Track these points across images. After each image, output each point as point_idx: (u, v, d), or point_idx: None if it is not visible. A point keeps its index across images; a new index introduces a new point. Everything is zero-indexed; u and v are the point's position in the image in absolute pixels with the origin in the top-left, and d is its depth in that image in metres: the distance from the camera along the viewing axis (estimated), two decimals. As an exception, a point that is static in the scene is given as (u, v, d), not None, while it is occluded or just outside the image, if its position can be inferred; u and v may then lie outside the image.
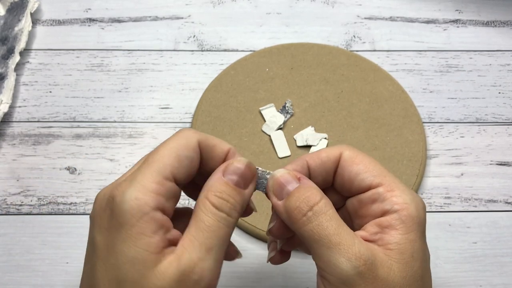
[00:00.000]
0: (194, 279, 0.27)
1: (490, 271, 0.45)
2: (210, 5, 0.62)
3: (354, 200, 0.32)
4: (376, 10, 0.62)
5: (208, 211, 0.29)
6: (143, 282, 0.27)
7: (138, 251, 0.27)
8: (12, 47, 0.56)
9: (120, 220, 0.27)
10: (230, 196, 0.29)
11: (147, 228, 0.27)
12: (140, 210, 0.27)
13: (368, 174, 0.31)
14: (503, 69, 0.57)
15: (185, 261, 0.27)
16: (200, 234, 0.28)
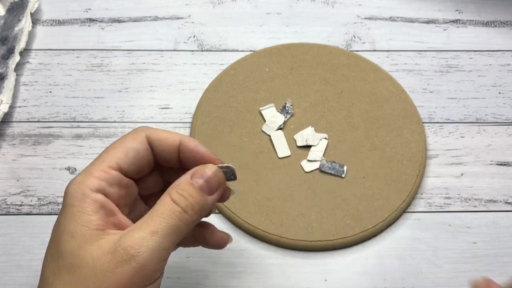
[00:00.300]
0: (130, 253, 0.28)
1: (490, 271, 0.45)
2: (210, 5, 0.62)
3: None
4: (376, 10, 0.62)
5: (164, 203, 0.31)
6: (80, 252, 0.29)
7: (77, 226, 0.29)
8: (12, 47, 0.56)
9: (65, 202, 0.30)
10: (190, 196, 0.31)
11: (87, 207, 0.30)
12: (81, 192, 0.30)
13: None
14: (503, 69, 0.57)
15: (126, 238, 0.29)
16: (149, 219, 0.30)
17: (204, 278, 0.45)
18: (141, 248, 0.28)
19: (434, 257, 0.46)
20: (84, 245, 0.29)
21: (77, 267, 0.29)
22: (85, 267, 0.29)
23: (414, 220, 0.48)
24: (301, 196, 0.48)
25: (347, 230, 0.46)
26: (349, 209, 0.47)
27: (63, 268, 0.29)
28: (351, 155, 0.50)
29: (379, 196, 0.48)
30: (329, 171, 0.49)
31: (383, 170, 0.49)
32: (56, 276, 0.29)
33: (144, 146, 0.33)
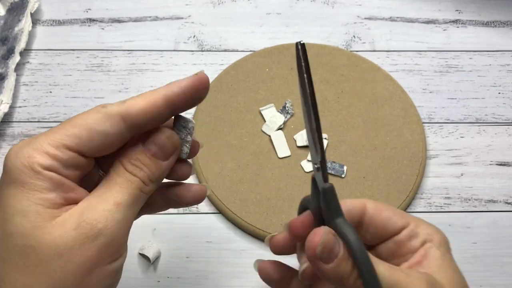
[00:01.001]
0: (97, 227, 0.26)
1: (490, 271, 0.45)
2: (210, 5, 0.62)
3: (390, 244, 0.33)
4: (376, 10, 0.62)
5: (119, 173, 0.28)
6: (36, 233, 0.26)
7: (30, 204, 0.26)
8: (12, 47, 0.56)
9: (11, 176, 0.26)
10: (145, 165, 0.29)
11: (41, 185, 0.26)
12: (31, 168, 0.26)
13: (397, 216, 0.33)
14: (503, 69, 0.57)
15: (89, 212, 0.26)
16: (108, 190, 0.28)
17: (204, 278, 0.45)
18: (107, 222, 0.26)
19: (434, 257, 0.46)
20: (40, 224, 0.26)
21: (33, 248, 0.25)
22: (43, 248, 0.25)
23: (414, 220, 0.48)
24: (301, 196, 0.48)
25: (347, 230, 0.46)
26: (349, 209, 0.47)
27: (13, 252, 0.26)
28: (351, 155, 0.50)
29: (379, 196, 0.48)
30: (329, 171, 0.49)
31: (383, 170, 0.49)
32: (5, 261, 0.26)
33: (114, 129, 0.28)
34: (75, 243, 0.26)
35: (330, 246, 0.27)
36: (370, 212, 0.33)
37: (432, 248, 0.31)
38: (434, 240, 0.32)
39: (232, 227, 0.47)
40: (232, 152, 0.50)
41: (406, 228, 0.33)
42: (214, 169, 0.49)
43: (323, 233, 0.27)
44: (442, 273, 0.30)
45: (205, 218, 0.48)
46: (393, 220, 0.33)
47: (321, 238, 0.27)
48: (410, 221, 0.33)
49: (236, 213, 0.47)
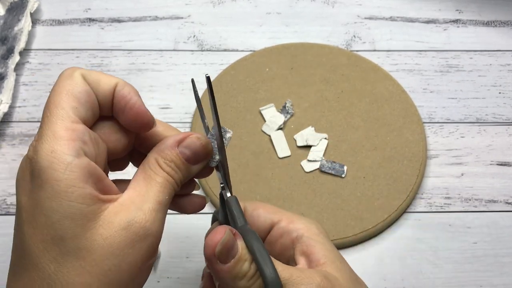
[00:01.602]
0: (146, 228, 0.27)
1: (490, 271, 0.45)
2: (210, 5, 0.62)
3: (266, 245, 0.33)
4: (376, 10, 0.62)
5: (158, 172, 0.29)
6: (87, 235, 0.26)
7: (72, 205, 0.25)
8: (12, 47, 0.56)
9: (43, 178, 0.25)
10: (179, 169, 0.30)
11: (76, 179, 0.25)
12: (61, 162, 0.25)
13: (269, 214, 0.33)
14: (503, 69, 0.57)
15: (137, 212, 0.27)
16: (151, 189, 0.28)
17: (204, 278, 0.45)
18: (155, 221, 0.27)
19: (434, 257, 0.46)
20: (88, 224, 0.26)
21: (87, 250, 0.26)
22: (97, 249, 0.26)
23: (414, 220, 0.48)
24: (301, 196, 0.48)
25: (347, 230, 0.46)
26: (349, 209, 0.47)
27: (68, 254, 0.25)
28: (351, 155, 0.50)
29: (379, 196, 0.48)
30: (329, 171, 0.49)
31: (383, 170, 0.49)
32: (60, 263, 0.25)
33: (88, 86, 0.28)
34: (127, 243, 0.26)
35: (229, 245, 0.28)
36: (248, 212, 0.34)
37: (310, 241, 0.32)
38: (309, 232, 0.32)
39: (232, 227, 0.47)
40: (232, 152, 0.50)
41: (276, 225, 0.33)
42: (214, 169, 0.49)
43: (224, 232, 0.28)
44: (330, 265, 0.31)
45: (205, 218, 0.48)
46: (262, 218, 0.33)
47: (222, 237, 0.28)
48: (282, 218, 0.33)
49: (236, 213, 0.47)
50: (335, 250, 0.32)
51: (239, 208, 0.31)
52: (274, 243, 0.33)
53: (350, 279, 0.31)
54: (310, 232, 0.32)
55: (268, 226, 0.33)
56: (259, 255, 0.28)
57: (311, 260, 0.31)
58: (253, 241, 0.29)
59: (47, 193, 0.25)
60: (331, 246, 0.32)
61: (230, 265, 0.28)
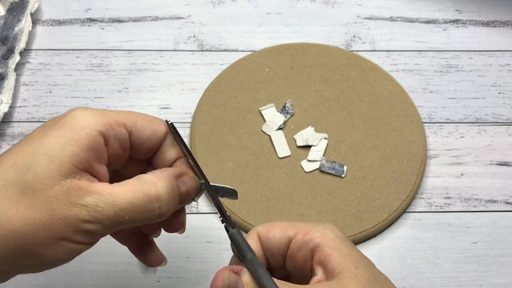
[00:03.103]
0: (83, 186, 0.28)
1: (490, 271, 0.45)
2: (210, 5, 0.62)
3: (288, 262, 0.33)
4: (376, 10, 0.62)
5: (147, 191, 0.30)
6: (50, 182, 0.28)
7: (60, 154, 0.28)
8: (12, 47, 0.56)
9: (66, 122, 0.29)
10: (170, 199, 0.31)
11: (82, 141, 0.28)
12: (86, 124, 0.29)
13: (281, 231, 0.33)
14: (503, 69, 0.57)
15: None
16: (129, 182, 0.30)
17: (204, 278, 0.45)
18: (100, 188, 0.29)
19: (434, 257, 0.46)
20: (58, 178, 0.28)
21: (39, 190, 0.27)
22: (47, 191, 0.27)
23: (414, 220, 0.48)
24: (301, 196, 0.48)
25: (347, 230, 0.46)
26: (349, 209, 0.47)
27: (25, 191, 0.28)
28: (351, 155, 0.50)
29: (379, 196, 0.48)
30: (329, 171, 0.49)
31: (383, 170, 0.49)
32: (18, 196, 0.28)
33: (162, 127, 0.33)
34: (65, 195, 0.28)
35: (232, 286, 0.29)
36: (262, 237, 0.33)
37: (326, 250, 0.31)
38: (324, 240, 0.32)
39: (232, 227, 0.47)
40: (232, 152, 0.50)
41: (293, 239, 0.33)
42: (214, 169, 0.49)
43: (224, 276, 0.29)
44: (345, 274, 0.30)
45: (205, 218, 0.48)
46: (277, 237, 0.33)
47: (222, 282, 0.29)
48: (297, 231, 0.33)
49: (236, 213, 0.47)
50: (352, 254, 0.32)
51: (243, 241, 0.32)
52: (294, 257, 0.33)
53: (368, 283, 0.30)
54: (326, 239, 0.32)
55: (286, 242, 0.33)
56: (266, 284, 0.29)
57: (327, 270, 0.31)
58: (260, 273, 0.29)
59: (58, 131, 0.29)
60: (348, 249, 0.32)
61: None
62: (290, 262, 0.33)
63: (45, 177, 0.27)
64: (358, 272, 0.31)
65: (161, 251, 0.37)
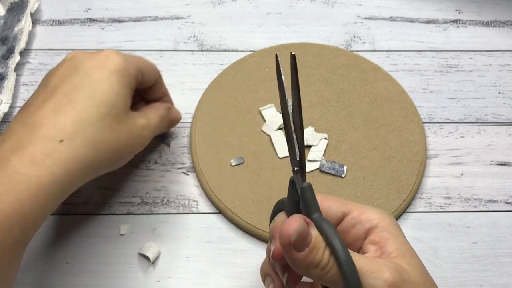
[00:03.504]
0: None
1: (490, 271, 0.45)
2: (210, 5, 0.62)
3: None
4: (376, 10, 0.62)
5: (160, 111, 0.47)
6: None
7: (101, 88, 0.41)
8: (12, 47, 0.56)
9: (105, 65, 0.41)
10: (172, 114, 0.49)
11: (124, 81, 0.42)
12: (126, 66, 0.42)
13: (338, 204, 0.34)
14: (503, 69, 0.57)
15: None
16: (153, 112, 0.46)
17: (204, 278, 0.45)
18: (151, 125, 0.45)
19: (434, 257, 0.46)
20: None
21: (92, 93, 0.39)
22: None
23: (414, 220, 0.48)
24: (301, 196, 0.48)
25: (347, 230, 0.46)
26: (349, 209, 0.47)
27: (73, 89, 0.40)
28: (351, 155, 0.50)
29: (379, 196, 0.48)
30: (329, 171, 0.49)
31: (383, 170, 0.49)
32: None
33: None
34: None
35: (304, 234, 0.29)
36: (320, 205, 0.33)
37: (383, 233, 0.32)
38: (382, 223, 0.32)
39: (232, 227, 0.47)
40: (232, 152, 0.50)
41: (348, 215, 0.33)
42: (214, 169, 0.49)
43: (299, 222, 0.29)
44: (401, 259, 0.31)
45: (205, 218, 0.48)
46: (333, 209, 0.33)
47: (297, 226, 0.29)
48: (353, 209, 0.33)
49: (236, 213, 0.47)
50: (408, 244, 0.32)
51: (314, 198, 0.31)
52: (346, 233, 0.33)
53: (422, 274, 0.31)
54: (384, 222, 0.32)
55: (340, 216, 0.33)
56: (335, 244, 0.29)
57: (383, 251, 0.31)
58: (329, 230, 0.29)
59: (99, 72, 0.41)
60: (404, 239, 0.32)
61: (304, 253, 0.29)
62: None
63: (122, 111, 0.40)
64: (413, 261, 0.31)
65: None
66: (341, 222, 0.34)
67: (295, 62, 0.31)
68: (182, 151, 0.51)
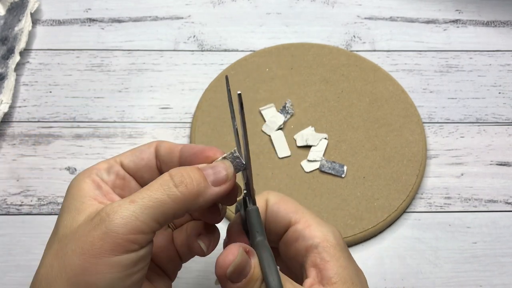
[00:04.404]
0: (102, 217, 0.27)
1: (490, 271, 0.45)
2: (210, 5, 0.62)
3: (281, 244, 0.32)
4: (376, 10, 0.62)
5: (159, 177, 0.29)
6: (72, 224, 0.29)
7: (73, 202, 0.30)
8: (12, 47, 0.56)
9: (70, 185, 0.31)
10: (190, 176, 0.29)
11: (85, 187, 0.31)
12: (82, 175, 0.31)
13: (288, 211, 0.32)
14: (503, 69, 0.57)
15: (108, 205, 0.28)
16: (138, 191, 0.29)
17: (204, 278, 0.45)
18: (114, 214, 0.27)
19: (434, 257, 0.46)
20: (77, 217, 0.29)
21: (65, 236, 0.28)
22: (70, 235, 0.28)
23: (414, 220, 0.48)
24: (301, 196, 0.48)
25: (347, 230, 0.46)
26: (349, 209, 0.47)
27: (55, 241, 0.29)
28: (351, 155, 0.50)
29: (379, 196, 0.48)
30: (329, 171, 0.49)
31: (383, 170, 0.49)
32: (48, 248, 0.29)
33: (149, 150, 0.33)
34: (85, 230, 0.28)
35: (242, 266, 0.28)
36: (269, 207, 0.33)
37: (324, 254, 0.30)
38: (324, 244, 0.31)
39: (232, 227, 0.47)
40: (232, 152, 0.50)
41: (294, 226, 0.32)
42: (214, 169, 0.49)
43: (237, 253, 0.28)
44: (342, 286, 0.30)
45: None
46: (282, 214, 0.32)
47: (233, 259, 0.28)
48: (300, 220, 0.32)
49: (236, 213, 0.47)
50: (350, 266, 0.31)
51: (259, 221, 0.30)
52: (289, 245, 0.32)
53: None
54: (327, 242, 0.31)
55: (286, 224, 0.32)
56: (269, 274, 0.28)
57: (322, 276, 0.30)
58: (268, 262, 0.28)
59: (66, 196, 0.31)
60: (346, 261, 0.31)
61: (241, 284, 0.28)
62: (283, 246, 0.32)
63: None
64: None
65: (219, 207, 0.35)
66: (287, 232, 0.32)
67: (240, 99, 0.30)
68: (182, 151, 0.51)
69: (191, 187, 0.29)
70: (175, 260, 0.35)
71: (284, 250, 0.33)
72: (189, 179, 0.29)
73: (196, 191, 0.29)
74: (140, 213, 0.28)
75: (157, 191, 0.28)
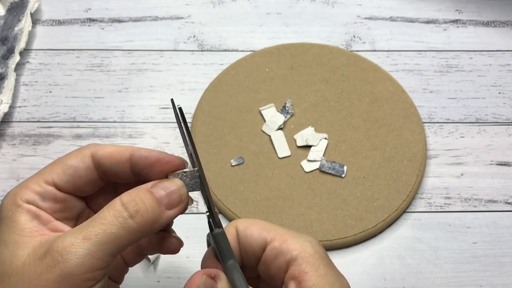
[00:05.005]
0: (56, 259, 0.26)
1: (490, 271, 0.45)
2: (210, 5, 0.62)
3: (261, 266, 0.32)
4: (376, 10, 0.62)
5: (111, 207, 0.28)
6: (12, 260, 0.27)
7: (10, 235, 0.28)
8: (12, 47, 0.56)
9: (2, 215, 0.29)
10: (144, 202, 0.28)
11: (20, 217, 0.29)
12: (14, 203, 0.29)
13: (260, 231, 0.32)
14: (503, 69, 0.57)
15: (57, 242, 0.27)
16: (88, 223, 0.27)
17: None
18: (68, 255, 0.26)
19: (434, 257, 0.46)
20: (17, 252, 0.27)
21: (8, 275, 0.27)
22: (14, 275, 0.27)
23: (414, 220, 0.48)
24: (301, 196, 0.48)
25: (347, 230, 0.46)
26: (349, 209, 0.47)
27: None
28: (351, 155, 0.50)
29: (379, 196, 0.48)
30: (329, 171, 0.49)
31: (383, 170, 0.49)
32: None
33: (85, 164, 0.31)
34: (36, 272, 0.26)
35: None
36: (240, 233, 0.32)
37: (302, 266, 0.30)
38: (302, 254, 0.30)
39: (232, 227, 0.47)
40: (232, 152, 0.50)
41: (270, 244, 0.31)
42: (214, 169, 0.49)
43: (199, 282, 0.28)
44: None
45: (205, 218, 0.48)
46: (255, 236, 0.31)
47: (197, 286, 0.28)
48: (275, 237, 0.31)
49: (236, 213, 0.47)
50: (330, 273, 0.30)
51: (227, 244, 0.30)
52: (269, 264, 0.31)
53: None
54: (304, 253, 0.30)
55: (262, 244, 0.31)
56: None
57: (302, 287, 0.29)
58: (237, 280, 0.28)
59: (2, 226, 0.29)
60: (325, 268, 0.30)
61: None
62: (263, 267, 0.32)
63: None
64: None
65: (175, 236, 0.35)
66: (264, 252, 0.31)
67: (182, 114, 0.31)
68: (182, 151, 0.51)
69: (146, 216, 0.28)
70: (122, 267, 0.35)
71: (265, 271, 0.32)
72: (144, 206, 0.28)
73: (152, 219, 0.28)
74: (96, 251, 0.27)
75: (111, 225, 0.27)
